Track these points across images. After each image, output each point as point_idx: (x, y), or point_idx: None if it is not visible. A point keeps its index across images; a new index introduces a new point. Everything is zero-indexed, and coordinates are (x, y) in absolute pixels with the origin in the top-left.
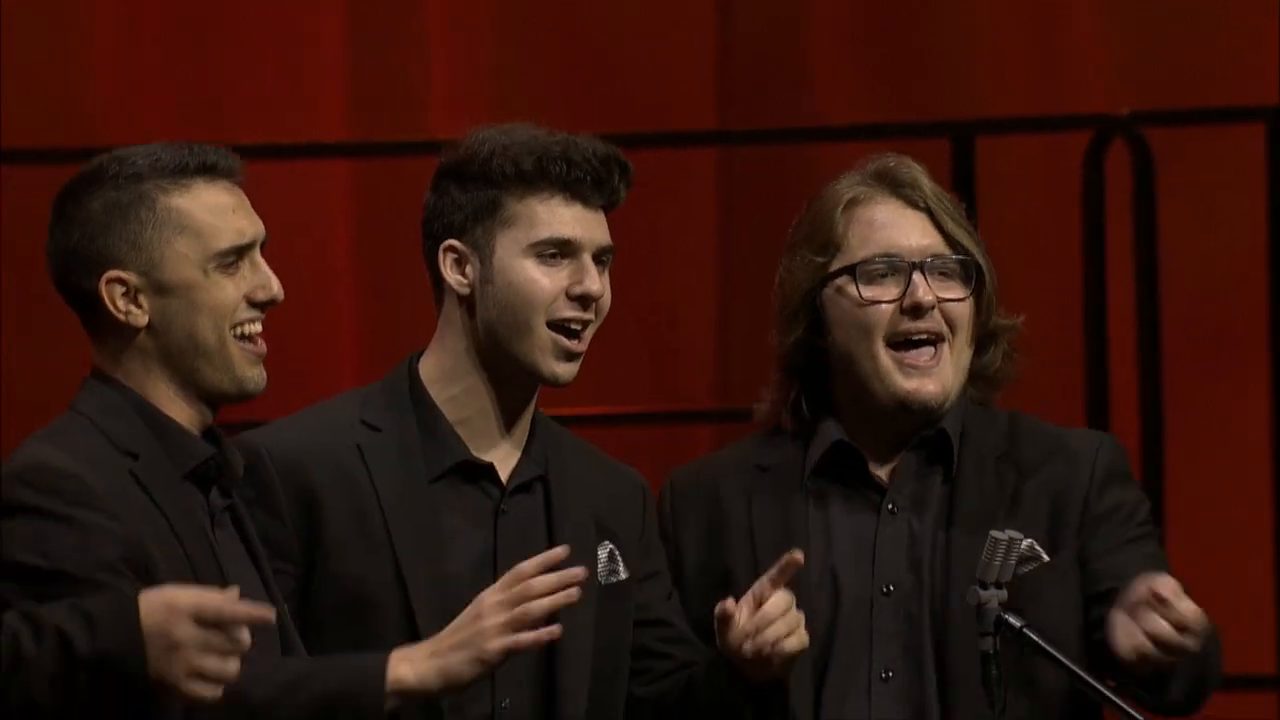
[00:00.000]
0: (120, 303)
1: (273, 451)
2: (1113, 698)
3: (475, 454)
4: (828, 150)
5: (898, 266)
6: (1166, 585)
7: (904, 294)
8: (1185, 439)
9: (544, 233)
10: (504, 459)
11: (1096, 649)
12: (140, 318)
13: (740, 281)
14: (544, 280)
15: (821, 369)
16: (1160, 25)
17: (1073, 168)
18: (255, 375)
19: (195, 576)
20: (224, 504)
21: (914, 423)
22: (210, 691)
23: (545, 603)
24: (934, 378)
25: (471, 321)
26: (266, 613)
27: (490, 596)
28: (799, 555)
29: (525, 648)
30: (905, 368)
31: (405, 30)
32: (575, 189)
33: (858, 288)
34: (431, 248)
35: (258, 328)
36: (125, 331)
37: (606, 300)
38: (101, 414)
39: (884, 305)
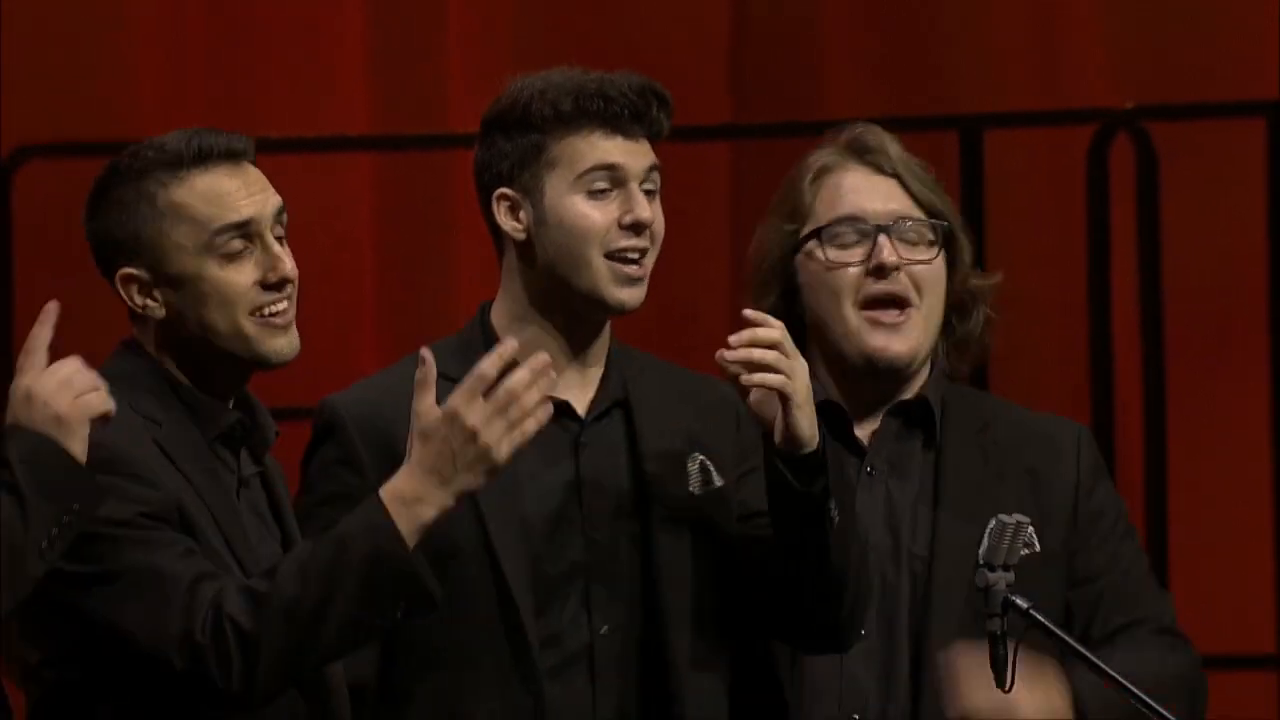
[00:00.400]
0: (137, 298)
1: (352, 410)
2: (1116, 676)
3: (551, 394)
4: None
5: (864, 230)
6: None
7: (869, 256)
8: (1187, 428)
9: (587, 163)
10: (580, 394)
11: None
12: (157, 310)
13: None
14: (595, 213)
15: (796, 334)
16: (1162, 22)
17: (1077, 161)
18: (280, 346)
19: (224, 537)
20: (255, 470)
21: (884, 383)
22: (100, 400)
23: (535, 394)
24: (901, 336)
25: (532, 265)
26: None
27: (473, 413)
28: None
29: (529, 437)
30: (873, 325)
31: (425, 27)
32: (614, 123)
33: (824, 251)
34: (485, 199)
35: (280, 307)
36: (148, 321)
37: (660, 227)
38: (124, 381)
39: (851, 269)
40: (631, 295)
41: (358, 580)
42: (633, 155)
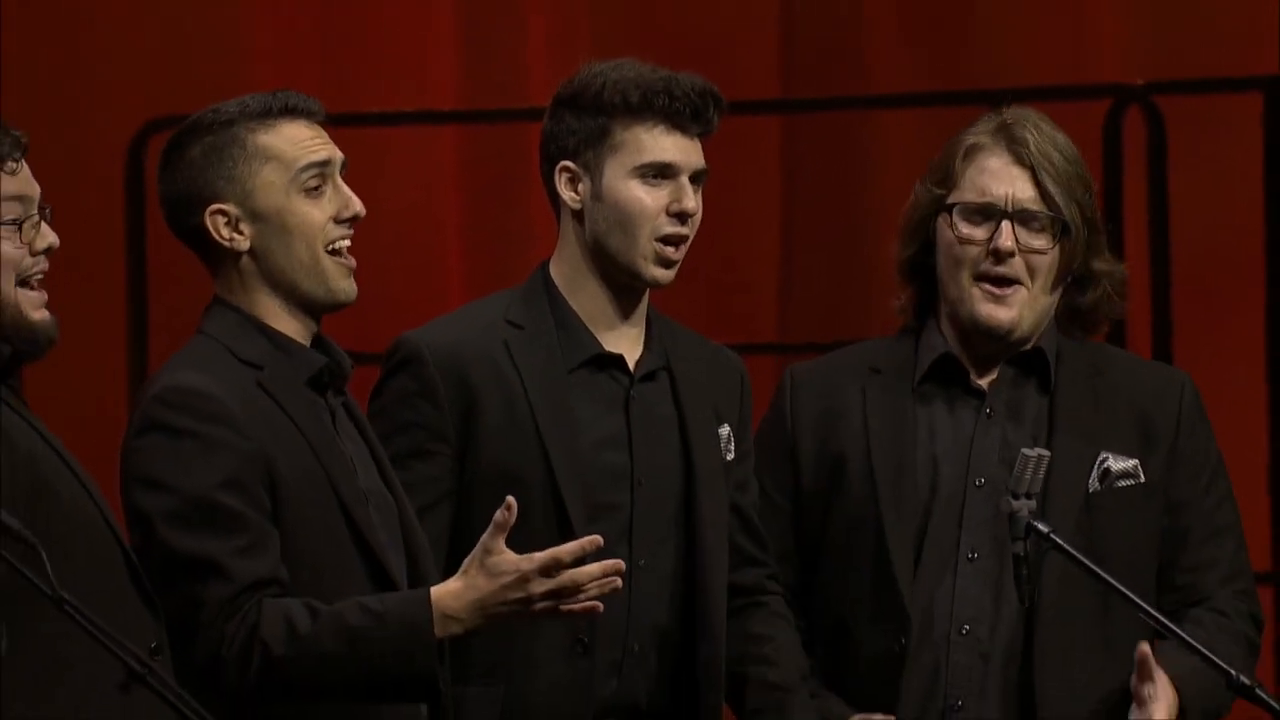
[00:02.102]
0: (224, 232)
1: (432, 348)
2: (1135, 599)
3: (605, 347)
4: (880, 116)
5: (991, 212)
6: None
7: (991, 237)
8: (1191, 370)
9: (648, 157)
10: (629, 351)
11: (1162, 573)
12: (243, 243)
13: (801, 240)
14: (647, 199)
15: (932, 283)
16: (1172, 6)
17: (1094, 132)
18: (347, 286)
19: (325, 471)
20: (339, 400)
21: (991, 344)
22: None
23: (594, 590)
24: (1006, 306)
25: (584, 232)
26: None
27: (540, 584)
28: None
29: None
30: (983, 295)
31: (509, 11)
32: (675, 120)
33: (954, 224)
34: (548, 168)
35: (347, 243)
36: (232, 257)
37: (699, 217)
38: (226, 334)
39: (973, 246)
40: (666, 274)
41: (383, 663)
42: (687, 154)
